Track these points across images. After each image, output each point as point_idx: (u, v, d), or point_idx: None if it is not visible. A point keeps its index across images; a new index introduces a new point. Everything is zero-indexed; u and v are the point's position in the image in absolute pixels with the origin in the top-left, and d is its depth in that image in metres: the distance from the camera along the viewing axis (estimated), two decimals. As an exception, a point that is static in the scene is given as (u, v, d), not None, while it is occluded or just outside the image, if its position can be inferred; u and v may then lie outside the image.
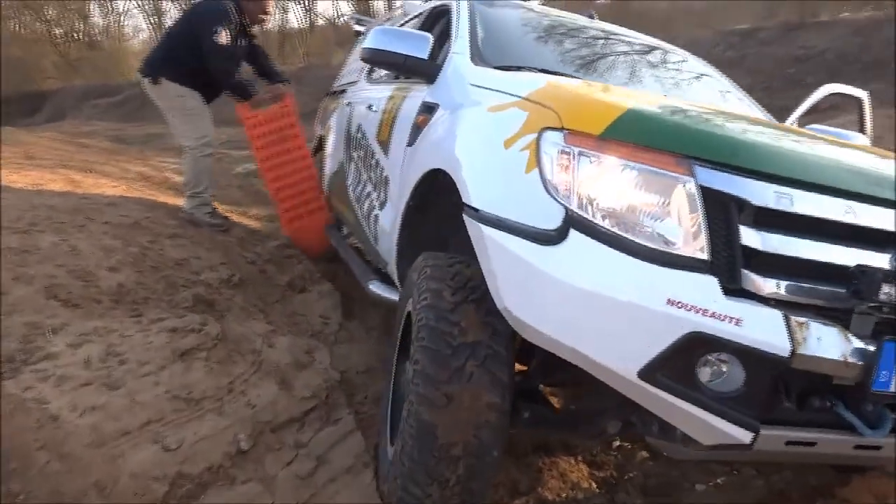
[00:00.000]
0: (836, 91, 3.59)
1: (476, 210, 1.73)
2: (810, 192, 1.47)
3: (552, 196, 1.54)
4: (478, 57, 2.52)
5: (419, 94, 2.68)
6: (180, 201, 5.79)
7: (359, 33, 5.83)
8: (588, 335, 1.47)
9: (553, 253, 1.51)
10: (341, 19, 30.20)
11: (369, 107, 3.36)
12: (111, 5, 34.31)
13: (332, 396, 2.53)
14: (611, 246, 1.46)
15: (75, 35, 33.50)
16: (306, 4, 29.92)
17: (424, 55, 2.59)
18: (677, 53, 3.43)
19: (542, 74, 2.24)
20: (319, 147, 5.03)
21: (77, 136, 16.75)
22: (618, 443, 2.69)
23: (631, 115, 1.57)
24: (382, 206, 2.83)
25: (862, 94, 3.54)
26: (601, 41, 3.18)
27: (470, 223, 1.75)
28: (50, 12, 32.94)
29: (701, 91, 3.13)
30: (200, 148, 4.02)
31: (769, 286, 1.42)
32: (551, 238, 1.52)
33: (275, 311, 3.34)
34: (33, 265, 2.68)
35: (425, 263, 1.99)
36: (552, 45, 3.03)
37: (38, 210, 3.51)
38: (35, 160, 8.66)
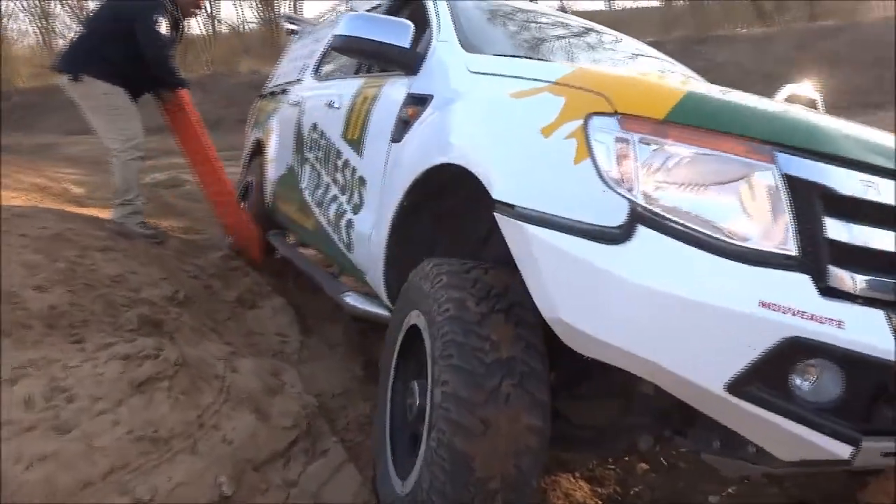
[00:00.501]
0: (794, 93, 3.63)
1: (511, 206, 1.52)
2: (893, 179, 1.35)
3: (611, 189, 1.36)
4: (465, 44, 2.32)
5: (399, 86, 2.45)
6: (97, 212, 5.30)
7: (292, 32, 5.52)
8: (666, 345, 1.29)
9: (620, 253, 1.32)
10: (245, 26, 29.35)
11: (329, 104, 3.09)
12: (-7, 7, 31.88)
13: (314, 424, 2.24)
14: (688, 243, 1.28)
15: (-47, 38, 30.90)
16: (209, 11, 28.85)
17: (405, 43, 2.37)
18: (626, 38, 3.35)
19: (544, 62, 2.07)
20: (257, 151, 4.68)
21: (-37, 146, 15.42)
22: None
23: (693, 98, 1.41)
24: (357, 209, 2.57)
25: (817, 96, 3.59)
26: (562, 27, 3.06)
27: (505, 222, 1.54)
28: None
29: (657, 69, 3.06)
30: (129, 150, 3.61)
31: (859, 283, 1.29)
32: (615, 236, 1.33)
33: (228, 329, 3.00)
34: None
35: (438, 271, 1.76)
36: (518, 31, 2.89)
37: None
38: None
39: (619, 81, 1.57)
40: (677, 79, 1.70)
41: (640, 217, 1.32)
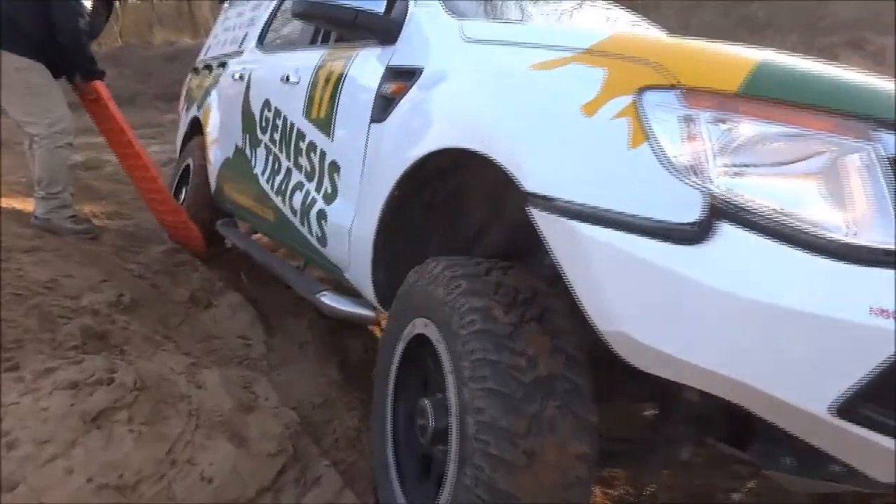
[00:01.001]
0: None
1: (550, 200, 1.29)
2: None
3: (680, 178, 1.14)
4: (450, 8, 2.05)
5: (373, 57, 2.17)
6: (15, 202, 4.80)
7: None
8: (758, 363, 1.09)
9: (697, 254, 1.11)
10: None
11: (285, 79, 2.76)
12: None
13: (300, 445, 1.98)
14: (780, 240, 1.08)
15: None
16: (121, -22, 27.12)
17: (379, 8, 2.09)
18: None
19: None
20: (194, 131, 4.27)
21: None
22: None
23: (770, 66, 1.20)
24: (330, 199, 2.28)
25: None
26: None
27: (544, 218, 1.31)
28: None
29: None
30: (54, 136, 3.17)
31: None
32: (690, 234, 1.12)
33: (184, 335, 2.68)
34: None
35: (452, 274, 1.52)
36: None
37: None
38: None
39: (673, 48, 1.34)
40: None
41: (720, 211, 1.11)
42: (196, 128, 4.19)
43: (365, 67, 2.19)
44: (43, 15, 3.09)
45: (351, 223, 2.11)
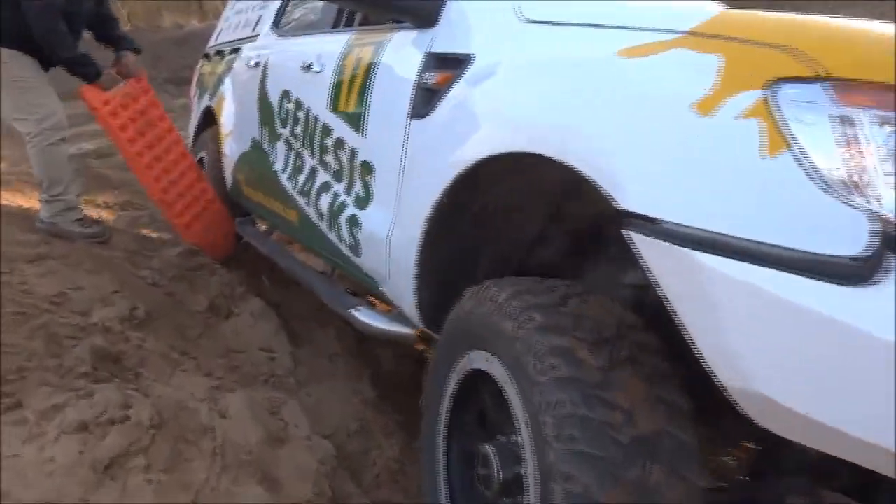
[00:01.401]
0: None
1: (657, 222, 1.04)
2: None
3: (838, 198, 0.89)
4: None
5: (410, 42, 1.91)
6: (24, 200, 4.60)
7: (234, -21, 4.79)
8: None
9: (866, 297, 0.86)
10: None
11: (307, 67, 2.50)
12: None
13: (337, 485, 1.76)
14: (980, 281, 0.83)
15: None
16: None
17: (420, -12, 1.83)
18: None
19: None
20: (207, 122, 4.03)
21: None
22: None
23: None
24: (363, 203, 2.04)
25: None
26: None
27: (649, 244, 1.06)
28: None
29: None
30: (46, 134, 2.91)
31: None
32: (854, 270, 0.87)
33: (203, 350, 2.46)
34: None
35: (522, 304, 1.28)
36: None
37: None
38: None
39: (809, 27, 1.07)
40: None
41: (893, 241, 0.86)
42: (209, 118, 3.94)
43: (400, 54, 1.94)
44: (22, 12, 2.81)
45: (389, 232, 1.87)
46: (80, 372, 1.94)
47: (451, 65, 1.68)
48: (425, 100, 1.74)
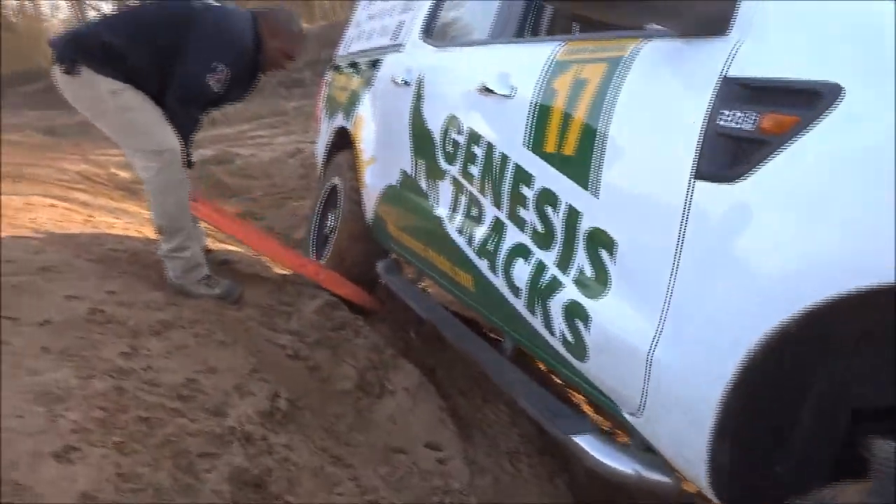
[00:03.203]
0: None
1: None
2: None
3: None
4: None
5: (675, 58, 1.30)
6: (138, 210, 4.36)
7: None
8: None
9: None
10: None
11: (483, 89, 1.93)
12: (24, -18, 31.30)
13: None
14: None
15: (-13, 18, 30.49)
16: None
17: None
18: None
19: None
20: (340, 144, 3.55)
21: (5, 130, 14.76)
22: None
23: None
24: (595, 290, 1.44)
25: None
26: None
27: None
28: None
29: None
30: (163, 170, 2.51)
31: None
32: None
33: (359, 455, 1.95)
34: None
35: None
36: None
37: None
38: (-53, 172, 7.02)
39: None
40: None
41: None
42: (343, 139, 3.47)
43: (662, 76, 1.32)
44: (162, 60, 2.52)
45: (651, 345, 1.26)
46: (217, 513, 1.46)
47: (784, 101, 1.04)
48: (728, 152, 1.12)
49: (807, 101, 1.00)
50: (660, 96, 1.31)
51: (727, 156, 1.12)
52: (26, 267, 2.51)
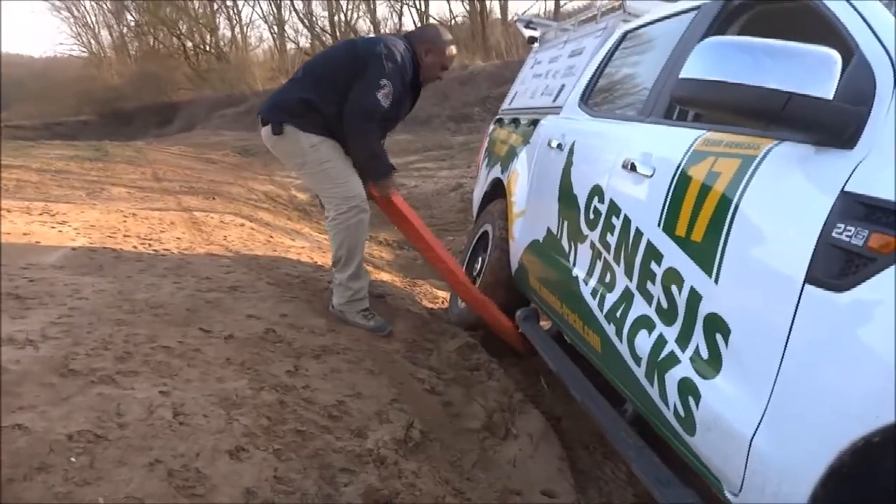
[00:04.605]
0: None
1: None
2: None
3: None
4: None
5: (801, 165, 1.37)
6: (310, 232, 4.80)
7: (533, 39, 4.57)
8: None
9: None
10: (455, 19, 29.28)
11: (629, 166, 2.07)
12: (237, 17, 35.23)
13: None
14: None
15: (205, 47, 34.65)
16: (419, 6, 29.27)
17: (827, 93, 1.28)
18: None
19: None
20: (495, 193, 3.80)
21: (205, 149, 16.71)
22: None
23: None
24: (708, 369, 1.53)
25: None
26: None
27: None
28: (182, 27, 34.29)
29: None
30: (348, 213, 2.89)
31: None
32: None
33: (477, 489, 2.12)
34: (107, 469, 1.59)
35: None
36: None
37: (139, 315, 2.48)
38: (162, 182, 8.15)
39: None
40: None
41: None
42: (498, 189, 3.71)
43: (787, 182, 1.40)
44: (339, 102, 2.87)
45: (753, 431, 1.33)
46: (349, 525, 1.69)
47: (893, 223, 1.10)
48: (839, 263, 1.19)
49: (902, 223, 1.06)
50: (784, 199, 1.39)
51: (837, 266, 1.18)
52: (219, 284, 2.97)
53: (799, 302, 1.25)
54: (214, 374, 2.12)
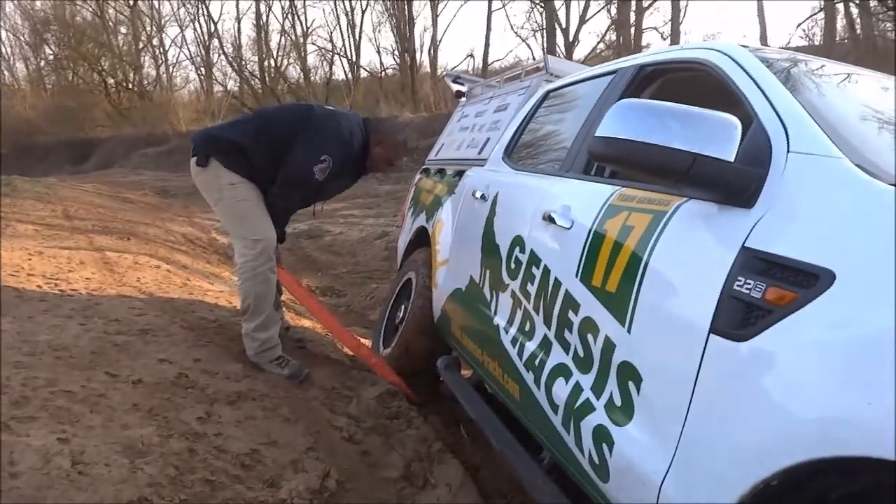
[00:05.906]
0: None
1: None
2: None
3: None
4: (861, 163, 1.28)
5: (706, 222, 1.46)
6: (230, 276, 4.70)
7: (460, 94, 4.71)
8: None
9: None
10: (385, 71, 29.83)
11: (547, 217, 2.14)
12: (163, 56, 34.64)
13: None
14: None
15: (127, 85, 33.80)
16: (350, 56, 29.69)
17: (728, 155, 1.38)
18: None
19: None
20: (418, 243, 3.83)
21: (122, 188, 16.15)
22: None
23: None
24: (621, 417, 1.57)
25: None
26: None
27: None
28: (105, 63, 33.42)
29: None
30: (255, 258, 2.84)
31: None
32: None
33: (394, 543, 2.08)
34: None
35: None
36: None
37: (39, 357, 2.34)
38: (74, 221, 7.78)
39: None
40: None
41: None
42: (423, 238, 3.74)
43: (695, 237, 1.48)
44: (273, 161, 2.92)
45: (662, 477, 1.37)
46: (259, 582, 1.62)
47: (787, 277, 1.19)
48: (740, 314, 1.26)
49: (806, 281, 1.14)
50: (691, 253, 1.47)
51: (739, 317, 1.25)
52: (130, 327, 2.84)
53: (704, 351, 1.32)
54: (119, 420, 2.01)
